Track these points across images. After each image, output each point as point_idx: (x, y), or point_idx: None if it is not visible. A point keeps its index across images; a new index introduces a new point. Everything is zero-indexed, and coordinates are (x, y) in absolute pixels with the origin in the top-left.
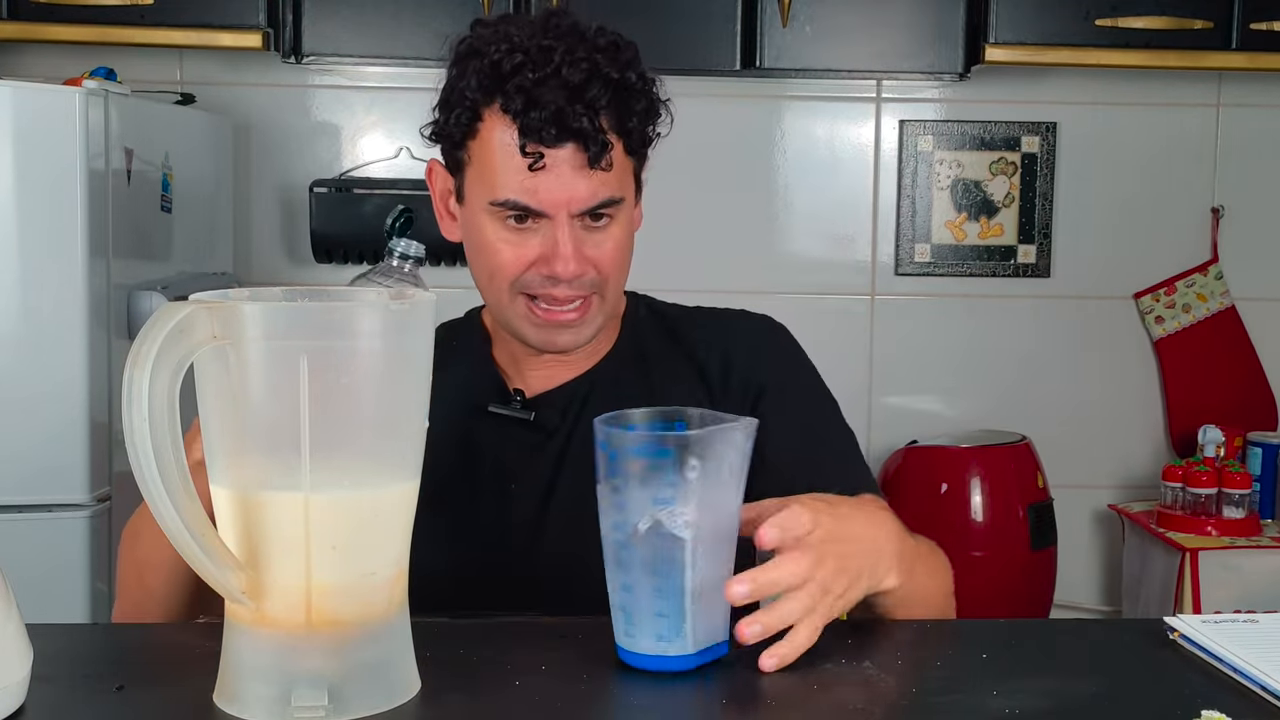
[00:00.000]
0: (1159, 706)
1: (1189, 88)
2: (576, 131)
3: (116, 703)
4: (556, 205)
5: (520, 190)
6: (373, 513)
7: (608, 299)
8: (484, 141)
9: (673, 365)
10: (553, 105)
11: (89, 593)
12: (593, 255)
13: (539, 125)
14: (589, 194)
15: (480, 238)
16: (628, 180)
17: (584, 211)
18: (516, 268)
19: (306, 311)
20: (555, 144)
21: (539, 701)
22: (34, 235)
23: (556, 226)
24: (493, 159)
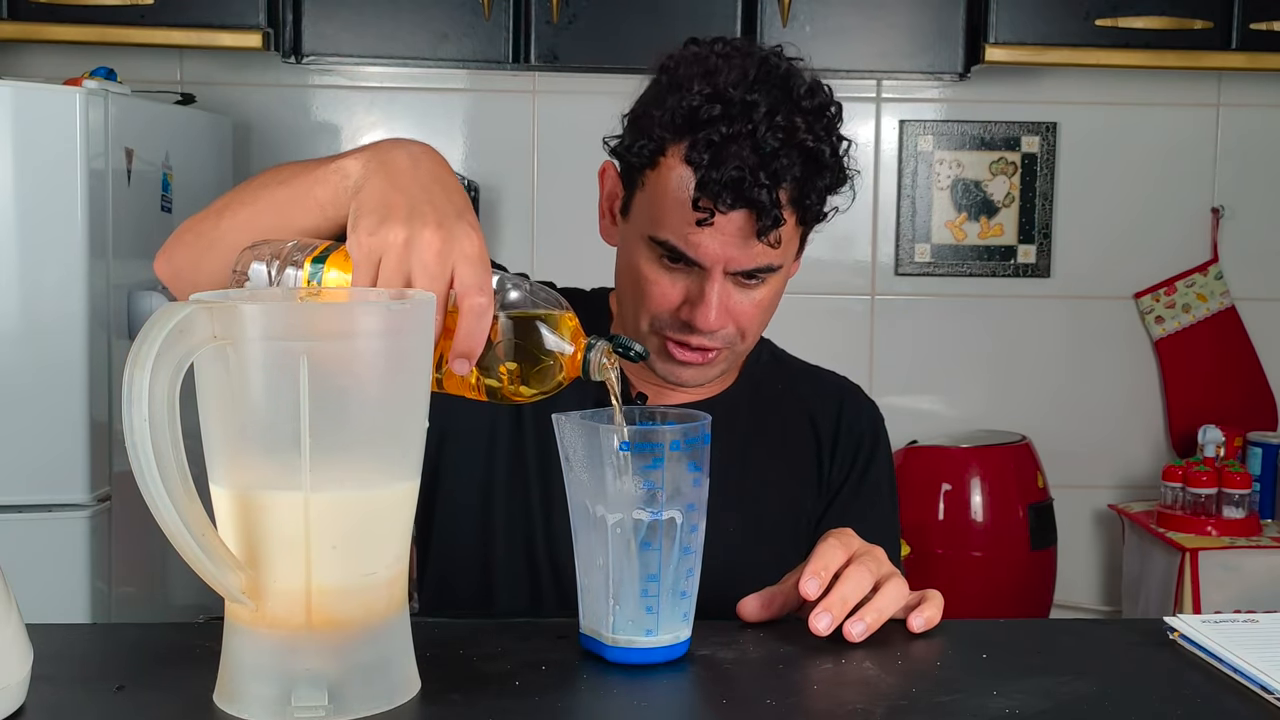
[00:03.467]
0: (1159, 706)
1: (1189, 88)
2: (752, 202)
3: (116, 703)
4: (714, 261)
5: (682, 239)
6: (373, 513)
7: (740, 350)
8: (661, 176)
9: (787, 415)
10: (736, 172)
11: (89, 593)
12: (736, 311)
13: (717, 187)
14: (749, 260)
15: (633, 263)
16: (792, 246)
17: (741, 273)
18: (661, 306)
19: (306, 311)
20: (728, 209)
21: (539, 701)
22: (34, 235)
23: (708, 280)
24: (665, 198)
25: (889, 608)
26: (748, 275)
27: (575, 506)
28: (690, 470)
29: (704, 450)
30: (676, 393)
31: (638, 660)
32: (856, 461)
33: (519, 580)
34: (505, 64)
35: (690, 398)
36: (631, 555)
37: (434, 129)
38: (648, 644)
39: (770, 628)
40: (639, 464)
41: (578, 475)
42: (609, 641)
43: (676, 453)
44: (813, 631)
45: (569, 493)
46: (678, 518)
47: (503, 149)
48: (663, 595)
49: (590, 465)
